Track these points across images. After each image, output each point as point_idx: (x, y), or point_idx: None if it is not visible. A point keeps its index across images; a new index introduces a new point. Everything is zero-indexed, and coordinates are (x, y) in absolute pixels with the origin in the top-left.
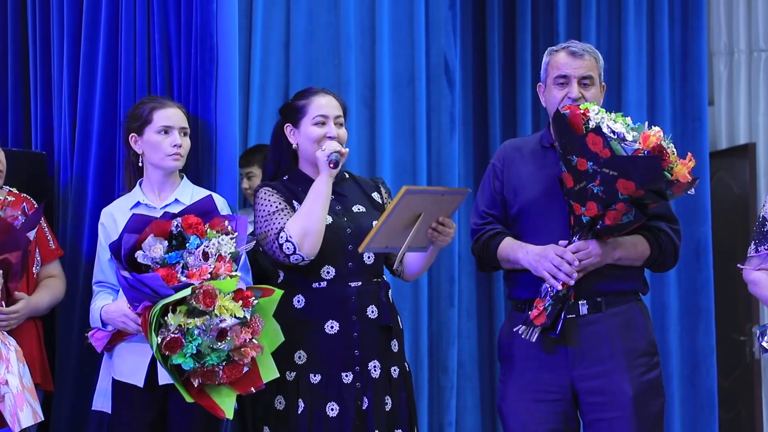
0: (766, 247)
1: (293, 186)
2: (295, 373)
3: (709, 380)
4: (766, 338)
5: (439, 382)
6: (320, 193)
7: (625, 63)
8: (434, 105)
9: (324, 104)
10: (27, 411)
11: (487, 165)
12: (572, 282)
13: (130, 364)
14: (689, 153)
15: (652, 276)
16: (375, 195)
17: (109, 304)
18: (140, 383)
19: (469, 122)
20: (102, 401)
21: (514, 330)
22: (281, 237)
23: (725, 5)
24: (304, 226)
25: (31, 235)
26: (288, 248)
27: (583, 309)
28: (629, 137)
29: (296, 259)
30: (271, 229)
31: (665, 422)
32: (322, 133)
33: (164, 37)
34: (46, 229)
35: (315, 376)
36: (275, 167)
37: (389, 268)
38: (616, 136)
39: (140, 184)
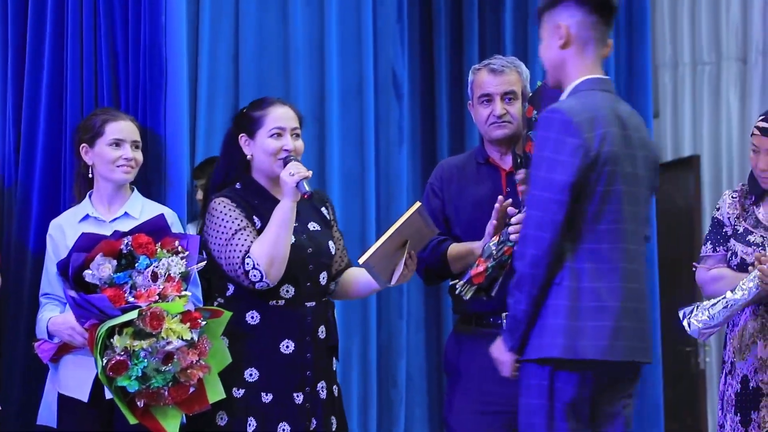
0: (724, 248)
1: (249, 197)
2: (244, 390)
3: (655, 391)
4: (692, 317)
5: (388, 395)
6: (286, 219)
7: None
8: (382, 117)
9: (281, 116)
10: None
11: None
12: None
13: (75, 378)
14: None
15: None
16: (324, 211)
17: (56, 316)
18: (85, 398)
19: (417, 134)
20: (47, 415)
21: (450, 283)
22: (247, 264)
23: (669, 18)
24: (271, 254)
25: None
26: (255, 276)
27: None
28: None
29: (262, 286)
30: (234, 252)
31: None
32: (279, 145)
33: (111, 49)
34: None
35: (267, 395)
36: (224, 176)
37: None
38: None
39: (90, 196)
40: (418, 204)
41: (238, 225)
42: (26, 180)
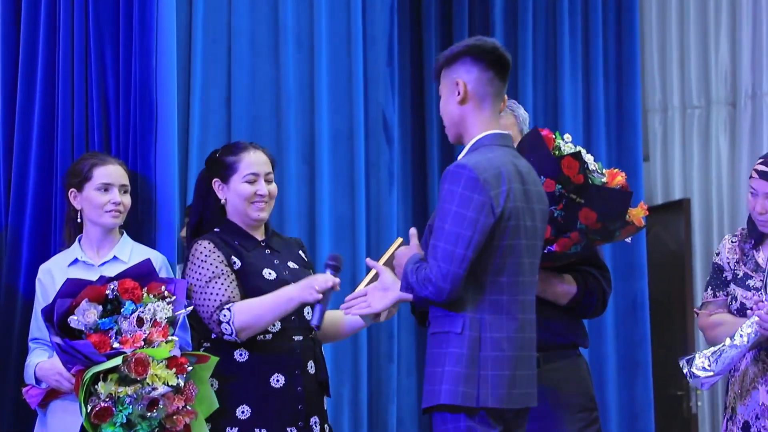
0: (724, 293)
1: (229, 239)
2: (237, 428)
3: None
4: (693, 366)
5: None
6: (282, 307)
7: (561, 118)
8: (373, 161)
9: (254, 161)
10: None
11: (426, 221)
12: None
13: (63, 424)
14: (641, 201)
15: (590, 329)
16: (301, 253)
17: (43, 362)
18: None
19: (408, 178)
20: None
21: None
22: (223, 315)
23: (659, 62)
24: (250, 323)
25: None
26: (226, 329)
27: None
28: (598, 171)
29: (229, 339)
30: (211, 298)
31: None
32: (254, 190)
33: (102, 92)
34: None
35: (260, 431)
36: (199, 219)
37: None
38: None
39: (79, 240)
40: (399, 240)
41: (213, 272)
42: (16, 224)
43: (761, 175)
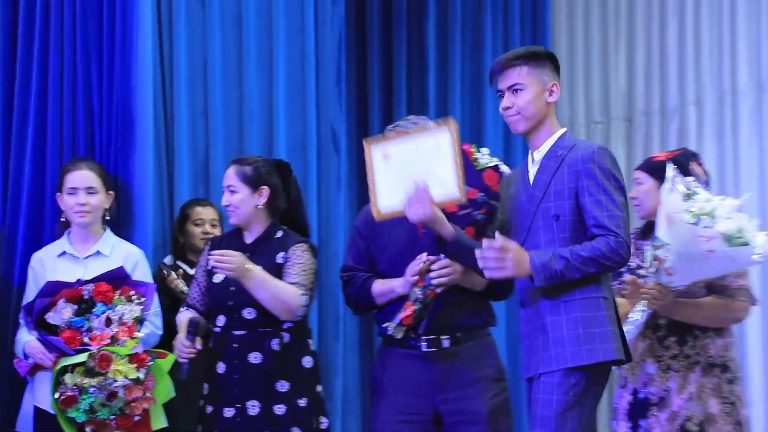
0: (618, 282)
1: (227, 241)
2: (203, 401)
3: None
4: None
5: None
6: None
7: (485, 131)
8: (323, 169)
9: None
10: None
11: None
12: (438, 290)
13: (48, 394)
14: None
15: (504, 312)
16: (279, 255)
17: (31, 341)
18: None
19: (353, 183)
20: (24, 424)
21: (383, 326)
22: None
23: (567, 81)
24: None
25: None
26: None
27: (445, 343)
28: None
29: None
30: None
31: None
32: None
33: (87, 108)
34: None
35: (209, 407)
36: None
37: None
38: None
39: (68, 234)
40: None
41: (195, 274)
42: (12, 221)
43: (640, 167)
